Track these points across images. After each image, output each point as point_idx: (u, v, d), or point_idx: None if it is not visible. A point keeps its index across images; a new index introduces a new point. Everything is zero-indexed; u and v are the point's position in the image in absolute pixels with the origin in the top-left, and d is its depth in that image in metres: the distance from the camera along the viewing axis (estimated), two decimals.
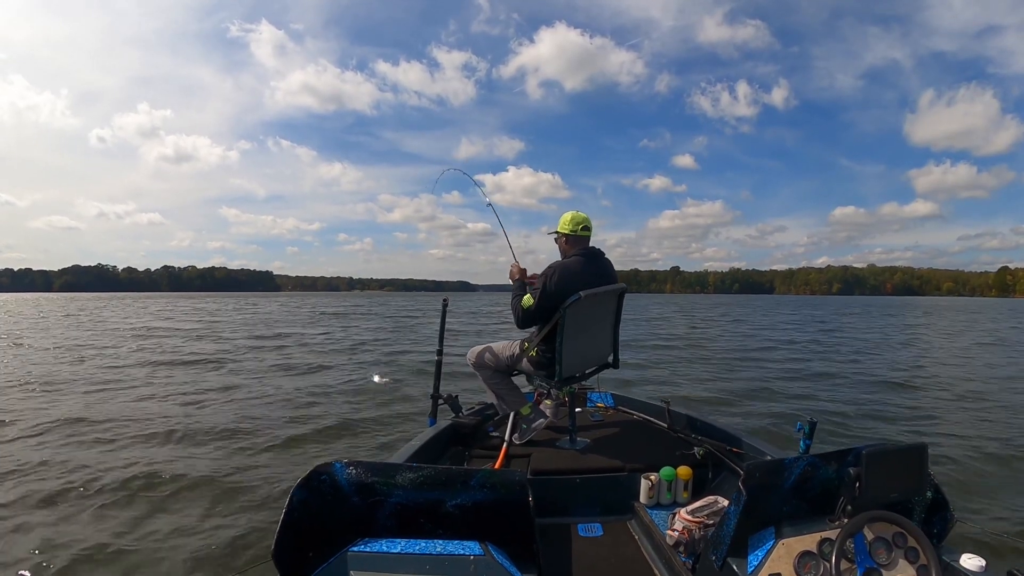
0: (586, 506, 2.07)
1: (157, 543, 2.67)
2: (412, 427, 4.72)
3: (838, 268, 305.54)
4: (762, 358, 10.28)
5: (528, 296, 2.34)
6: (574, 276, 2.32)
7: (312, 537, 1.11)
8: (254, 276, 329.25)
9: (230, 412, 5.42)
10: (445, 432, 2.48)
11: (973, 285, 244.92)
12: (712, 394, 6.61)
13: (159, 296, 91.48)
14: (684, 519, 1.70)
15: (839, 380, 7.72)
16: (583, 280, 2.32)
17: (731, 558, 1.22)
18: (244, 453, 4.08)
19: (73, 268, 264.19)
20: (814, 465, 1.28)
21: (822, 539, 1.19)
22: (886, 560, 1.17)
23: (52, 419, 4.97)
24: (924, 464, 1.26)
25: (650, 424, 2.78)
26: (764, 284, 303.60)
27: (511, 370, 2.62)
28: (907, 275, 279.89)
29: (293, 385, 6.97)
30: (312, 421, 5.09)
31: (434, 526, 1.16)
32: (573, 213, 2.50)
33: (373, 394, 6.21)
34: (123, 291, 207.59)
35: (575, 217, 2.49)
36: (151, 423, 4.90)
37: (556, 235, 2.53)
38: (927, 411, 5.74)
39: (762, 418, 5.34)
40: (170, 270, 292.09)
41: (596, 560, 1.74)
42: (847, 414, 5.55)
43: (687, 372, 8.54)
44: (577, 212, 2.51)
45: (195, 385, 6.93)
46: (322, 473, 1.14)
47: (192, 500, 3.20)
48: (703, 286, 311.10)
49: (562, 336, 2.27)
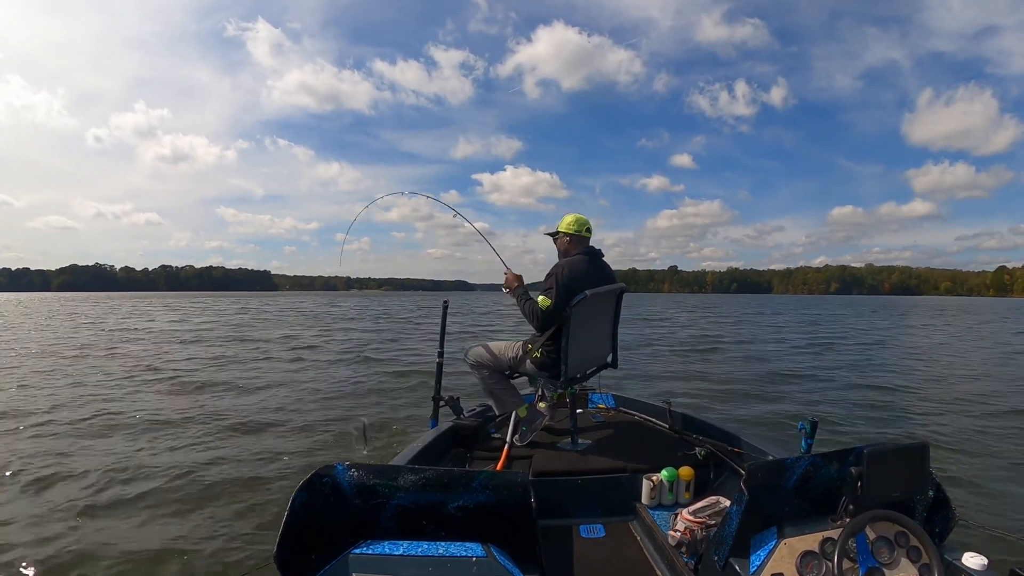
0: (588, 507, 2.07)
1: (156, 546, 2.66)
2: (413, 429, 4.72)
3: (836, 268, 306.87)
4: (763, 358, 10.28)
5: (544, 296, 2.34)
6: (581, 275, 2.35)
7: (314, 539, 1.12)
8: (252, 276, 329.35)
9: (228, 412, 5.42)
10: (446, 434, 2.48)
11: (971, 285, 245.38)
12: (713, 394, 6.60)
13: (158, 295, 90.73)
14: (686, 520, 1.70)
15: (840, 380, 7.71)
16: (588, 279, 2.35)
17: (733, 558, 1.22)
18: (243, 454, 4.07)
19: (71, 268, 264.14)
20: (816, 465, 1.28)
21: (824, 539, 1.19)
22: (888, 559, 1.17)
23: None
24: (926, 463, 1.26)
25: (651, 425, 2.78)
26: (762, 284, 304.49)
27: (513, 372, 2.61)
28: (905, 275, 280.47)
29: (291, 387, 6.97)
30: (312, 421, 5.09)
31: (436, 528, 1.16)
32: (576, 215, 2.53)
33: (376, 395, 6.21)
34: (121, 291, 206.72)
35: (579, 219, 2.52)
36: (167, 424, 4.90)
37: (558, 235, 2.54)
38: (929, 410, 5.73)
39: (763, 418, 5.34)
40: (168, 270, 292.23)
41: (598, 561, 1.74)
42: (849, 414, 5.55)
43: (687, 373, 8.53)
44: (580, 215, 2.54)
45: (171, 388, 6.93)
46: (324, 475, 1.14)
47: (192, 502, 3.20)
48: (701, 286, 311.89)
49: (567, 336, 2.28)
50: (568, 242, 2.51)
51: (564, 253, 2.52)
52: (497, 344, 2.64)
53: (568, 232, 2.50)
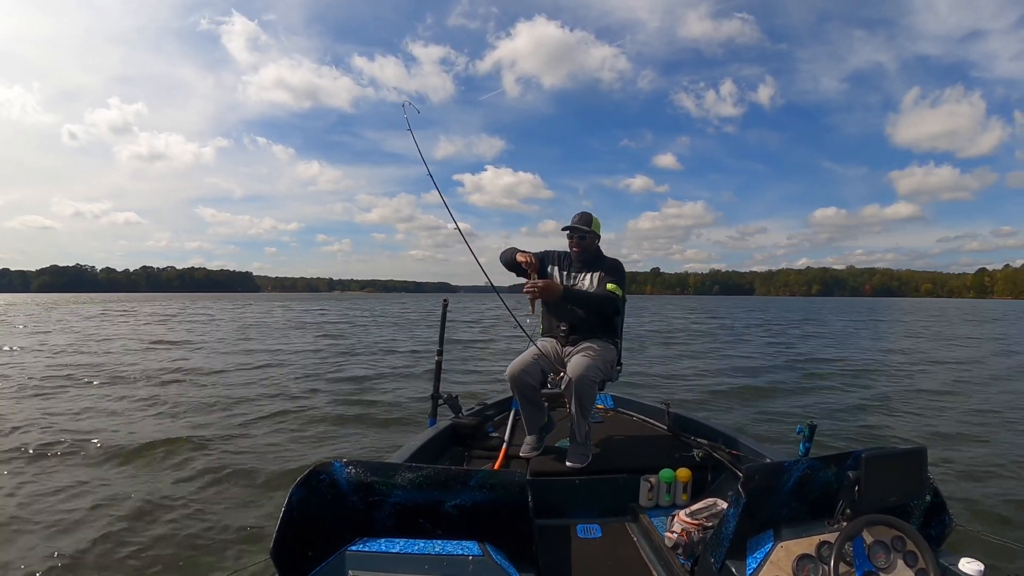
0: (585, 507, 2.07)
1: (153, 541, 2.67)
2: (412, 427, 4.72)
3: (817, 270, 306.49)
4: (762, 358, 10.28)
5: (616, 285, 2.38)
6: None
7: (311, 536, 1.12)
8: (233, 277, 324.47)
9: (223, 407, 5.42)
10: (445, 432, 2.48)
11: (951, 287, 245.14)
12: (711, 396, 6.60)
13: (145, 297, 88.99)
14: (683, 521, 1.70)
15: (839, 383, 7.71)
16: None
17: (730, 560, 1.22)
18: (242, 454, 4.08)
19: (51, 268, 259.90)
20: (813, 468, 1.28)
21: (821, 542, 1.19)
22: (885, 564, 1.17)
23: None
24: (923, 468, 1.27)
25: (650, 426, 2.78)
26: (744, 286, 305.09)
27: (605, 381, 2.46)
28: (886, 276, 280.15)
29: (287, 383, 6.97)
30: (311, 421, 5.09)
31: (433, 526, 1.17)
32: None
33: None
34: (102, 292, 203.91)
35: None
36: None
37: (595, 237, 2.51)
38: (926, 414, 5.73)
39: (761, 421, 5.33)
40: (149, 271, 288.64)
41: (595, 561, 1.74)
42: (847, 417, 5.54)
43: (685, 373, 8.53)
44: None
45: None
46: (321, 472, 1.14)
47: (189, 498, 3.20)
48: (683, 288, 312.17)
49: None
50: (598, 244, 2.54)
51: (594, 252, 2.51)
52: (595, 347, 2.35)
53: (598, 235, 2.53)
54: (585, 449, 2.21)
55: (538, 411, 2.33)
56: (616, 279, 2.41)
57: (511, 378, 2.25)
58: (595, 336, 2.40)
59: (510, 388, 2.32)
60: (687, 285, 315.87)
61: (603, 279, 2.41)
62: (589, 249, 2.49)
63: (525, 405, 2.30)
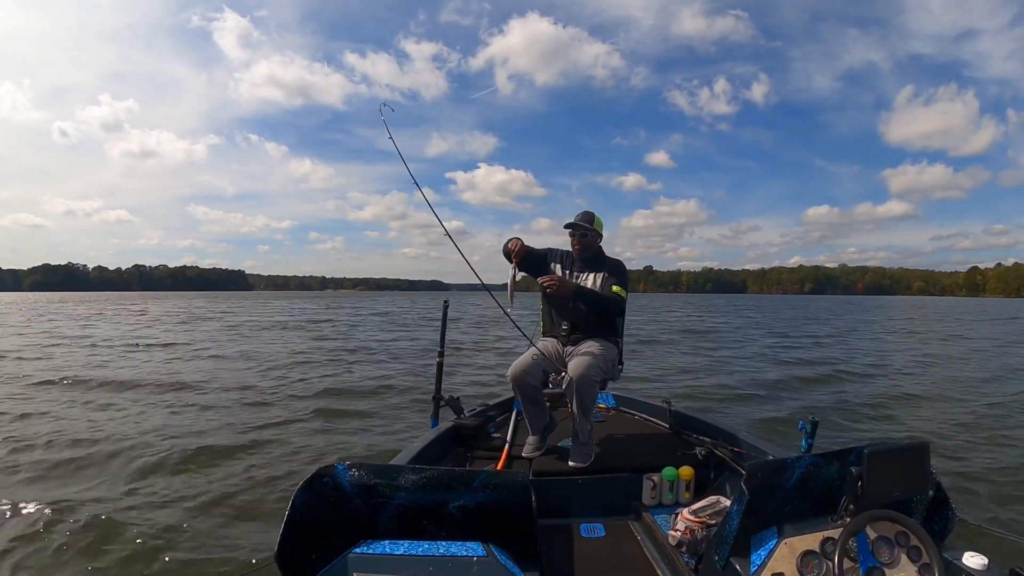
0: (588, 507, 2.07)
1: (157, 544, 2.66)
2: (414, 429, 4.71)
3: (810, 268, 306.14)
4: (761, 357, 10.29)
5: (620, 288, 2.39)
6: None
7: (315, 539, 1.12)
8: (226, 275, 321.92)
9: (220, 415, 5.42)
10: (447, 433, 2.48)
11: (943, 285, 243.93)
12: (713, 394, 6.60)
13: (138, 295, 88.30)
14: (686, 519, 1.70)
15: (839, 380, 7.71)
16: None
17: (734, 558, 1.22)
18: (242, 454, 4.07)
19: (43, 267, 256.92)
20: (816, 465, 1.28)
21: (824, 538, 1.19)
22: (889, 559, 1.17)
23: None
24: (926, 463, 1.27)
25: (652, 424, 2.79)
26: (736, 284, 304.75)
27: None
28: (878, 275, 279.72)
29: (285, 385, 6.97)
30: (312, 424, 5.09)
31: (437, 527, 1.16)
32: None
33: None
34: (95, 291, 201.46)
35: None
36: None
37: (597, 236, 2.51)
38: (929, 410, 5.74)
39: (764, 418, 5.33)
40: (141, 269, 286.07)
41: (599, 561, 1.74)
42: (849, 413, 5.54)
43: (685, 372, 8.53)
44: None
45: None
46: (324, 475, 1.14)
47: (193, 501, 3.19)
48: (676, 286, 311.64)
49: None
50: (599, 243, 2.54)
51: (595, 251, 2.52)
52: (596, 347, 2.35)
53: (600, 234, 2.53)
54: (587, 448, 2.21)
55: (540, 411, 2.33)
56: (619, 281, 2.42)
57: (513, 379, 2.25)
58: (596, 335, 2.40)
59: (512, 389, 2.33)
60: (680, 283, 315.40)
61: (607, 280, 2.41)
62: (590, 247, 2.49)
63: (527, 405, 2.31)
